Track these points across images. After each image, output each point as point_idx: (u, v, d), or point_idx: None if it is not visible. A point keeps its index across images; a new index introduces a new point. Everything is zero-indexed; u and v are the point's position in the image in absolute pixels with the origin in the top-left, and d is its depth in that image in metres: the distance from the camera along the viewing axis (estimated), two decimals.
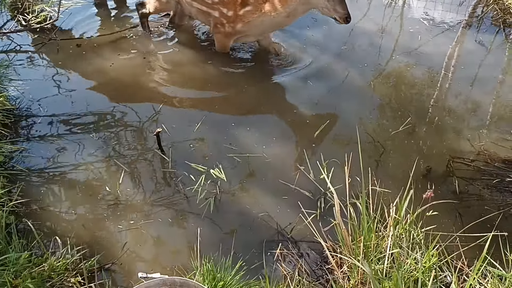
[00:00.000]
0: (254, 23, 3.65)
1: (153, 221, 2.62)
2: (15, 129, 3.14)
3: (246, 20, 3.64)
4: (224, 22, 3.70)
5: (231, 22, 3.69)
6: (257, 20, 3.63)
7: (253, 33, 3.81)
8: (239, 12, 3.62)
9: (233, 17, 3.65)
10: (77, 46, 3.98)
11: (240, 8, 3.62)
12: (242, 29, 3.72)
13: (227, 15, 3.65)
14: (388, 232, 2.22)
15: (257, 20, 3.63)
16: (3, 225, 2.30)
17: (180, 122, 3.27)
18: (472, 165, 3.02)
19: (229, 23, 3.69)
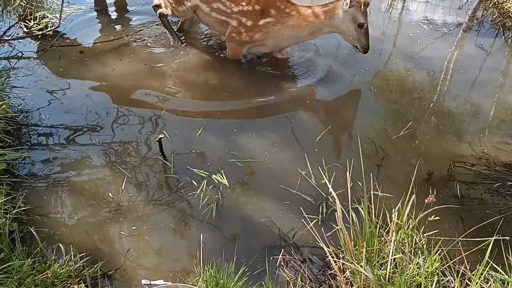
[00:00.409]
0: (274, 34, 3.68)
1: (156, 227, 2.63)
2: (18, 136, 3.15)
3: (265, 30, 3.66)
4: (241, 31, 3.71)
5: (249, 31, 3.70)
6: (277, 32, 3.66)
7: (269, 44, 3.82)
8: (259, 22, 3.64)
9: (251, 26, 3.67)
10: (80, 53, 4.00)
11: (261, 18, 3.63)
12: (259, 39, 3.74)
13: (246, 24, 3.67)
14: (390, 237, 2.22)
15: (277, 32, 3.66)
16: (7, 232, 2.30)
17: (182, 128, 3.29)
18: (473, 169, 3.03)
19: (247, 32, 3.70)
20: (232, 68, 3.90)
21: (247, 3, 3.62)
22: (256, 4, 3.60)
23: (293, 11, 3.61)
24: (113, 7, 4.73)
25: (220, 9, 3.70)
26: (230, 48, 3.91)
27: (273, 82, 3.80)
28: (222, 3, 3.68)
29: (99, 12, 4.61)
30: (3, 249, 2.23)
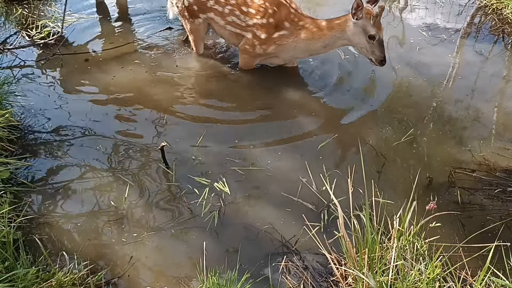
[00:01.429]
0: (287, 47, 3.72)
1: (159, 234, 2.64)
2: (21, 145, 3.17)
3: (279, 43, 3.70)
4: (255, 44, 3.74)
5: (263, 44, 3.74)
6: (290, 44, 3.70)
7: (283, 56, 3.86)
8: (273, 35, 3.67)
9: (266, 39, 3.70)
10: (85, 61, 4.03)
11: (275, 31, 3.66)
12: (273, 51, 3.78)
13: (260, 37, 3.70)
14: (392, 244, 2.24)
15: (291, 45, 3.70)
16: (11, 241, 2.31)
17: (183, 136, 3.31)
18: (474, 175, 3.05)
19: (261, 44, 3.74)
20: (236, 76, 3.93)
21: (262, 16, 3.65)
22: (271, 17, 3.63)
23: (307, 24, 3.65)
24: (115, 15, 4.77)
25: (235, 22, 3.73)
26: (243, 59, 3.94)
27: (277, 89, 3.82)
28: (236, 17, 3.71)
29: (101, 21, 4.65)
30: (8, 258, 2.25)
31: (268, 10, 3.63)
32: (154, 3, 4.80)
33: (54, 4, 4.85)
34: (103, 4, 4.88)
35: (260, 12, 3.64)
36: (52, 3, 4.87)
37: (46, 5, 4.81)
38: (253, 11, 3.65)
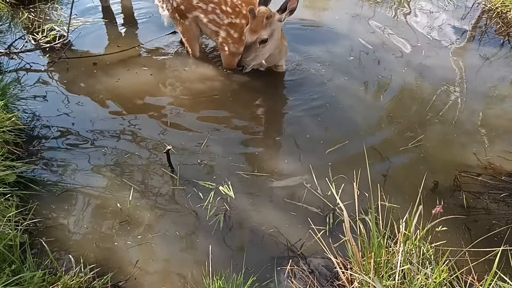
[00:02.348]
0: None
1: (164, 238, 2.65)
2: (27, 148, 3.19)
3: None
4: (229, 42, 3.83)
5: (235, 43, 3.81)
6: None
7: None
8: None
9: (238, 39, 3.77)
10: (93, 64, 4.06)
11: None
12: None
13: (233, 36, 3.78)
14: (398, 248, 2.23)
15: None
16: (18, 244, 2.32)
17: (188, 140, 3.31)
18: (479, 179, 3.04)
19: (234, 43, 3.82)
20: (241, 80, 3.93)
21: (236, 16, 3.73)
22: (243, 18, 3.70)
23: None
24: (120, 19, 4.79)
25: (215, 20, 3.83)
26: (223, 57, 4.03)
27: (281, 94, 3.83)
28: (216, 15, 3.80)
29: (106, 25, 4.67)
30: (15, 261, 2.25)
31: (242, 10, 3.71)
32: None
33: (60, 8, 4.88)
34: (109, 8, 4.91)
35: (235, 11, 3.73)
36: (58, 7, 4.90)
37: (52, 9, 4.84)
38: (230, 10, 3.74)
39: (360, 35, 4.60)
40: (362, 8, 5.13)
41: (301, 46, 4.35)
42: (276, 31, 3.52)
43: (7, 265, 2.24)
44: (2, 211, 2.53)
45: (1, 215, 2.49)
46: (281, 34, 3.75)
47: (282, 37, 3.77)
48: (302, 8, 5.18)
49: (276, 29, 3.51)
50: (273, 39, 3.53)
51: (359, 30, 4.71)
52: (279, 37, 3.60)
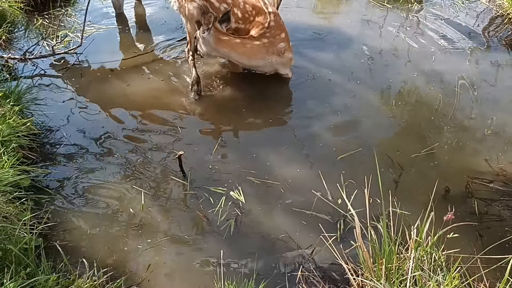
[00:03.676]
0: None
1: (176, 242, 2.68)
2: (41, 153, 3.24)
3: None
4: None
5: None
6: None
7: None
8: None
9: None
10: (110, 71, 4.11)
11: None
12: None
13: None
14: (409, 255, 2.23)
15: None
16: (33, 247, 2.36)
17: (200, 145, 3.34)
18: (491, 185, 3.03)
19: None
20: (252, 86, 3.95)
21: (243, 22, 3.80)
22: (249, 24, 3.79)
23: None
24: (134, 25, 4.85)
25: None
26: (228, 61, 4.06)
27: (294, 100, 3.87)
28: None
29: (120, 31, 4.73)
30: (30, 264, 2.29)
31: (250, 17, 3.79)
32: (171, 14, 4.85)
33: (74, 15, 4.95)
34: (122, 15, 4.97)
35: (244, 18, 3.80)
36: (72, 13, 4.97)
37: (66, 16, 4.91)
38: (240, 15, 3.78)
39: (370, 40, 4.61)
40: (373, 13, 5.13)
41: (311, 52, 4.37)
42: (201, 40, 3.68)
43: (22, 268, 2.27)
44: (18, 214, 2.57)
45: (16, 218, 2.53)
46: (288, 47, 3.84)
47: (287, 50, 3.84)
48: (312, 13, 5.22)
49: (201, 39, 3.68)
50: (200, 43, 3.71)
51: (370, 35, 4.71)
52: (206, 45, 3.68)
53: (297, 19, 4.72)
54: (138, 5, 5.16)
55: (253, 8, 3.76)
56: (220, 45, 3.69)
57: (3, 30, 4.35)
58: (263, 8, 3.75)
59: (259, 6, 3.75)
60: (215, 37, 3.65)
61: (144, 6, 5.16)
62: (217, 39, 3.66)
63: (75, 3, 5.17)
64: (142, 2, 5.20)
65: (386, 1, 5.35)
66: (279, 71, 4.00)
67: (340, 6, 5.40)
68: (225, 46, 3.70)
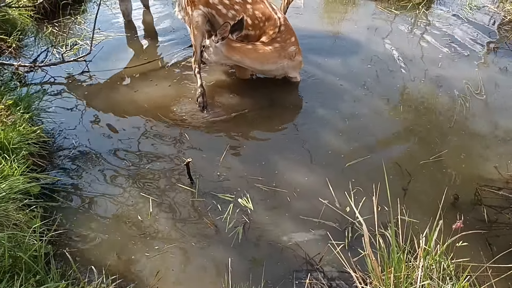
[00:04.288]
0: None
1: (184, 249, 2.68)
2: (51, 160, 3.26)
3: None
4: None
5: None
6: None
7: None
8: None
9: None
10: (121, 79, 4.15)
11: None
12: None
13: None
14: (418, 263, 2.22)
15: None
16: (42, 255, 2.37)
17: (207, 152, 3.35)
18: (500, 193, 3.01)
19: None
20: (260, 93, 3.96)
21: (252, 28, 3.82)
22: (258, 30, 3.82)
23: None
24: (142, 33, 4.90)
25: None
26: (235, 68, 4.10)
27: (302, 107, 3.87)
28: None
29: (128, 39, 4.77)
30: (39, 271, 2.30)
31: (260, 24, 3.82)
32: (179, 22, 4.88)
33: (84, 22, 5.01)
34: (131, 22, 5.02)
35: (254, 24, 3.82)
36: (82, 21, 5.03)
37: (76, 24, 4.97)
38: (250, 21, 3.81)
39: (378, 46, 4.62)
40: (381, 20, 5.14)
41: (319, 57, 4.38)
42: (212, 49, 3.73)
43: (32, 275, 2.29)
44: (27, 222, 2.59)
45: (26, 226, 2.55)
46: (298, 50, 3.86)
47: (298, 53, 3.87)
48: (320, 20, 5.24)
49: (212, 48, 3.72)
50: (210, 52, 3.76)
51: (377, 41, 4.72)
52: (217, 53, 3.73)
53: (304, 26, 4.73)
54: (147, 13, 5.22)
55: (263, 14, 3.78)
56: (233, 52, 3.71)
57: (14, 38, 4.40)
58: (272, 13, 3.78)
59: (268, 11, 3.78)
60: (227, 45, 3.68)
61: (153, 14, 5.21)
62: (229, 47, 3.69)
63: (85, 11, 5.23)
64: (150, 10, 5.25)
65: (393, 7, 5.36)
66: (288, 75, 4.02)
67: (347, 13, 5.41)
68: (238, 53, 3.73)
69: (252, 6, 3.78)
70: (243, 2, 3.77)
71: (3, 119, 3.16)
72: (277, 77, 4.05)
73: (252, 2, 3.79)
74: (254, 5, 3.79)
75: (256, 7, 3.78)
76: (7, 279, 2.22)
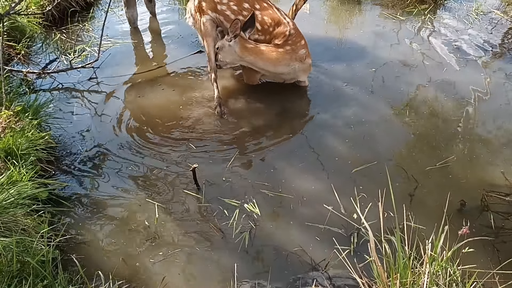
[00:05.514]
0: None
1: (190, 255, 2.69)
2: (59, 166, 3.29)
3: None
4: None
5: None
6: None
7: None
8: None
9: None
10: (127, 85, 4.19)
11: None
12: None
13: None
14: (424, 269, 2.21)
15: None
16: (50, 260, 2.39)
17: (214, 158, 3.37)
18: (507, 199, 2.99)
19: None
20: (266, 99, 3.97)
21: (262, 33, 3.86)
22: (268, 35, 3.86)
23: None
24: (148, 39, 4.94)
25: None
26: (244, 72, 4.13)
27: (309, 114, 3.88)
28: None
29: (135, 45, 4.81)
30: (47, 276, 2.32)
31: (270, 29, 3.87)
32: (184, 28, 4.92)
33: (92, 29, 5.06)
34: (137, 29, 5.07)
35: (264, 29, 3.87)
36: (90, 28, 5.08)
37: (84, 31, 5.02)
38: (259, 27, 3.85)
39: (383, 51, 4.62)
40: (386, 25, 5.15)
41: (325, 63, 4.40)
42: (226, 48, 3.74)
43: (39, 280, 2.31)
44: (35, 227, 2.62)
45: (34, 231, 2.58)
46: (307, 53, 3.89)
47: (307, 56, 3.91)
48: (326, 25, 5.25)
49: (226, 47, 3.74)
50: (223, 52, 3.77)
51: (383, 46, 4.73)
52: (231, 53, 3.75)
53: (311, 32, 4.75)
54: (153, 20, 5.27)
55: (272, 19, 3.82)
56: (246, 52, 3.75)
57: (22, 45, 4.46)
58: (281, 18, 3.82)
59: (277, 16, 3.82)
60: (240, 44, 3.71)
61: (159, 21, 5.26)
62: (243, 47, 3.72)
63: (92, 18, 5.30)
64: (157, 17, 5.30)
65: (399, 13, 5.36)
66: (298, 79, 4.05)
67: (353, 19, 5.42)
68: (251, 54, 3.76)
69: (260, 12, 3.81)
70: (251, 8, 3.81)
71: (12, 125, 3.20)
72: (286, 82, 4.06)
73: (261, 8, 3.83)
74: (263, 10, 3.82)
75: (265, 12, 3.82)
76: (15, 284, 2.25)
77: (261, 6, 3.84)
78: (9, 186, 2.68)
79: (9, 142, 3.00)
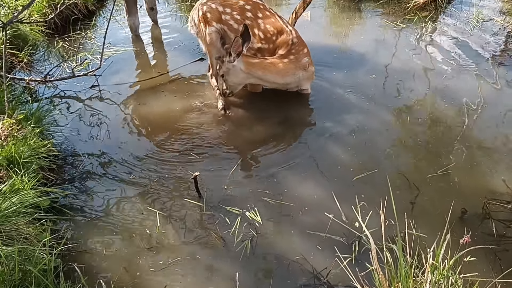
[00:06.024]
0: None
1: (191, 263, 2.69)
2: (60, 174, 3.30)
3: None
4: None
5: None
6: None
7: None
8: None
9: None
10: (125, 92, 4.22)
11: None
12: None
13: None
14: (426, 278, 2.21)
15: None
16: (52, 268, 2.40)
17: (215, 166, 3.38)
18: (509, 206, 2.99)
19: None
20: (268, 107, 3.98)
21: (266, 42, 3.87)
22: (272, 44, 3.87)
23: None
24: (150, 47, 4.97)
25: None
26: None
27: (311, 122, 3.89)
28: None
29: (137, 53, 4.84)
30: (48, 285, 2.33)
31: (273, 37, 3.87)
32: (186, 36, 4.95)
33: (94, 37, 5.09)
34: (138, 37, 5.10)
35: (266, 37, 3.88)
36: (92, 36, 5.11)
37: (86, 39, 5.05)
38: (262, 35, 3.86)
39: (384, 59, 4.63)
40: (387, 33, 5.17)
41: (326, 71, 4.41)
42: (231, 70, 3.69)
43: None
44: (37, 235, 2.62)
45: (36, 239, 2.58)
46: (310, 61, 3.90)
47: (310, 64, 3.92)
48: (326, 33, 5.28)
49: (231, 69, 3.68)
50: (230, 75, 3.71)
51: (383, 54, 4.74)
52: (237, 73, 3.71)
53: (312, 39, 4.77)
54: (155, 28, 5.30)
55: (274, 28, 3.83)
56: (253, 68, 3.71)
57: (25, 53, 4.49)
58: (283, 26, 3.83)
59: (280, 25, 3.83)
60: (245, 61, 3.67)
61: (161, 28, 5.29)
62: (248, 63, 3.68)
63: (95, 26, 5.33)
64: (158, 25, 5.33)
65: (399, 20, 5.38)
66: (301, 87, 4.06)
67: (353, 26, 5.44)
68: (258, 69, 3.73)
69: (263, 21, 3.83)
70: (254, 17, 3.83)
71: (14, 133, 3.21)
72: (289, 90, 4.08)
73: (263, 16, 3.84)
74: (265, 19, 3.84)
75: (267, 21, 3.83)
76: None
77: (264, 14, 3.86)
78: (11, 195, 2.69)
79: (12, 150, 3.01)
